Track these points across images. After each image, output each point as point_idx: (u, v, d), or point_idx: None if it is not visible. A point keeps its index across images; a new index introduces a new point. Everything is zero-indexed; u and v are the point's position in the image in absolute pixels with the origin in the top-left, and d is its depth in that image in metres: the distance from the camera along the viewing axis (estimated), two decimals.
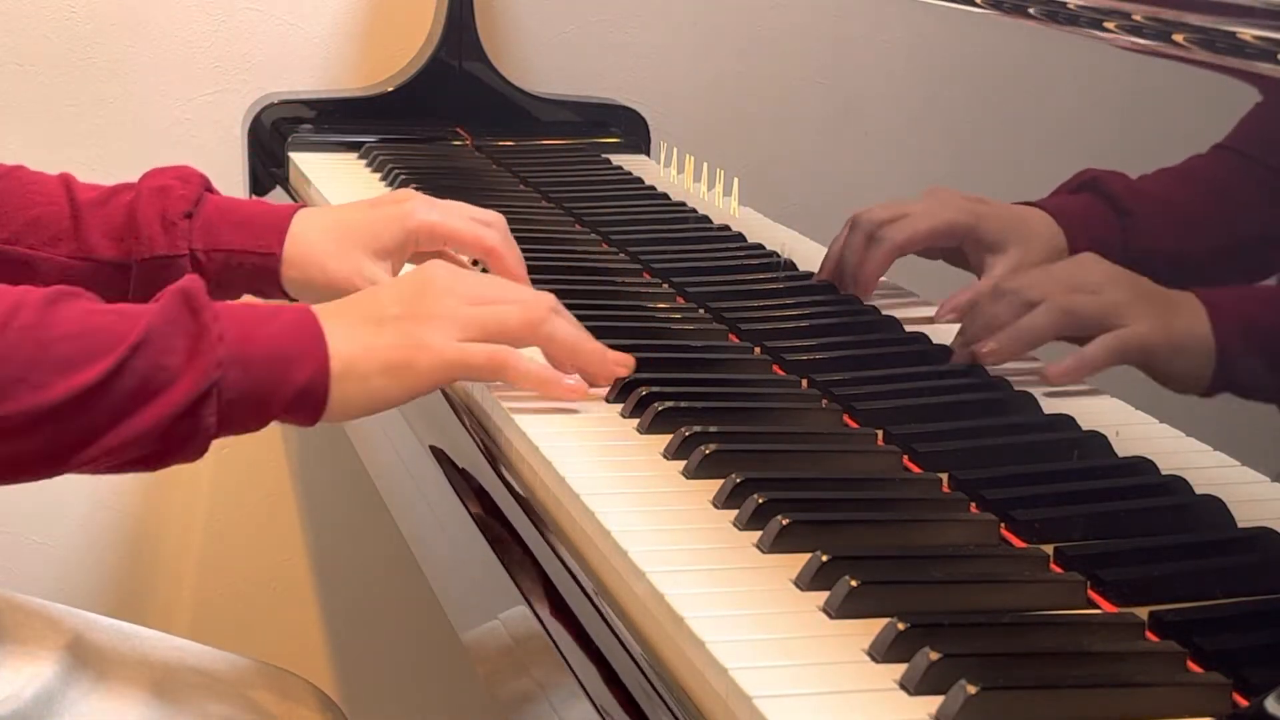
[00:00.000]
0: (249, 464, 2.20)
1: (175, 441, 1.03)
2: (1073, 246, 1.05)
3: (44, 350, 1.00)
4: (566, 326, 1.14)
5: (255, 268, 1.28)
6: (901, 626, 0.81)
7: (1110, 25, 1.02)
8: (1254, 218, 0.93)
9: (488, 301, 1.12)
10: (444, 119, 1.99)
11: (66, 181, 1.31)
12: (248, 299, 1.19)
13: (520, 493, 1.07)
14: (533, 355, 1.14)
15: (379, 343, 1.08)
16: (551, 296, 1.15)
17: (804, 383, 1.19)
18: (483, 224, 1.29)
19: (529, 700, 0.97)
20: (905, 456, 1.06)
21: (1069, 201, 1.05)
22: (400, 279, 1.15)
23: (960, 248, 1.13)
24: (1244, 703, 0.79)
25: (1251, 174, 0.93)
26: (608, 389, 1.16)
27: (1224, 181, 0.95)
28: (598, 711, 0.87)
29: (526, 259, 1.33)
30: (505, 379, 1.12)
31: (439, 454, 1.19)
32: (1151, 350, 0.98)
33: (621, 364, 1.15)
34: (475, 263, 1.36)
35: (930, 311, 1.18)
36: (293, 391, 1.05)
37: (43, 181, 1.30)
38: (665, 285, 1.41)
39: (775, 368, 1.23)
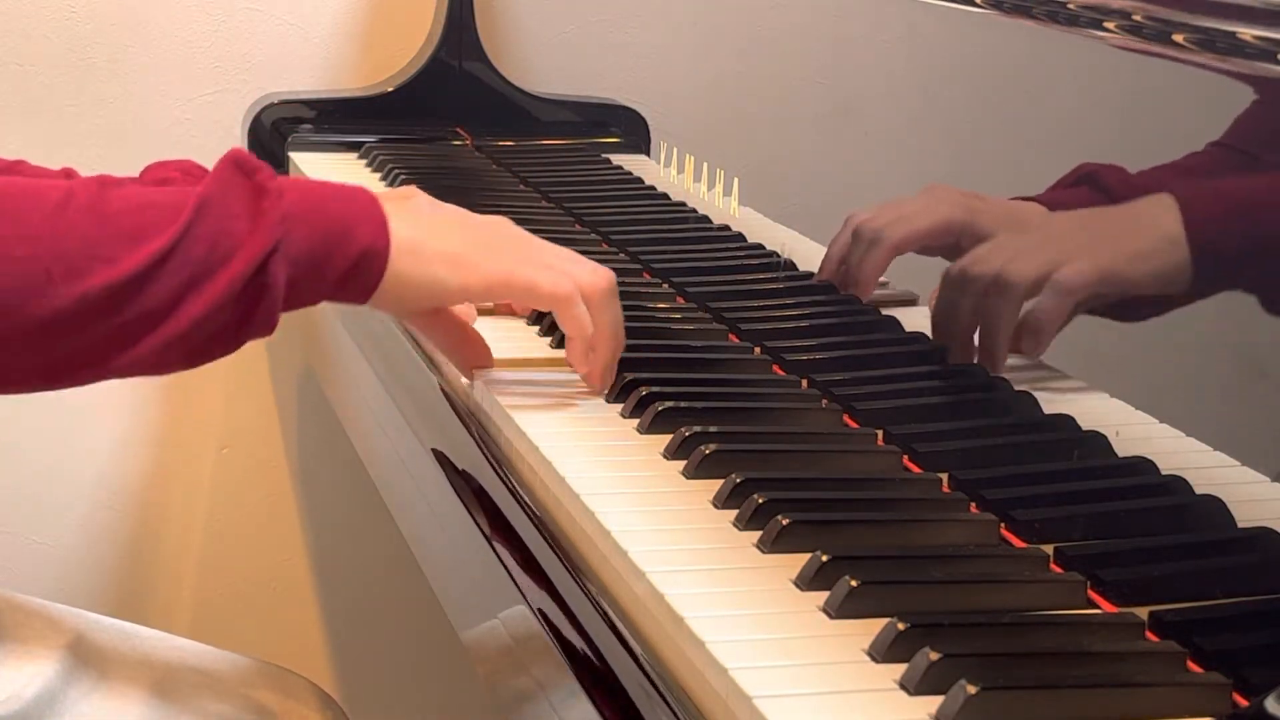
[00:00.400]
0: (249, 464, 2.20)
1: (249, 306, 1.01)
2: None
3: (108, 224, 0.99)
4: (617, 313, 1.13)
5: None
6: (901, 626, 0.81)
7: (1110, 25, 1.02)
8: (1252, 214, 0.93)
9: (556, 254, 1.13)
10: (444, 119, 1.99)
11: (69, 176, 1.31)
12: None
13: (520, 493, 1.07)
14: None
15: (440, 237, 1.09)
16: (612, 274, 1.14)
17: (804, 383, 1.19)
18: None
19: (529, 700, 0.97)
20: (905, 456, 1.06)
21: (1066, 196, 1.05)
22: (461, 210, 1.16)
23: (959, 244, 1.13)
24: (1244, 703, 0.79)
25: (1249, 171, 0.93)
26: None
27: (1222, 177, 0.95)
28: (598, 711, 0.87)
29: None
30: (559, 312, 1.12)
31: (439, 454, 1.19)
32: (1107, 270, 0.98)
33: (607, 383, 1.15)
34: None
35: (930, 311, 1.18)
36: (354, 253, 1.04)
37: (45, 175, 1.30)
38: (665, 285, 1.41)
39: (775, 368, 1.23)
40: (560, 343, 1.19)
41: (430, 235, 1.08)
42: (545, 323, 1.28)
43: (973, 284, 1.08)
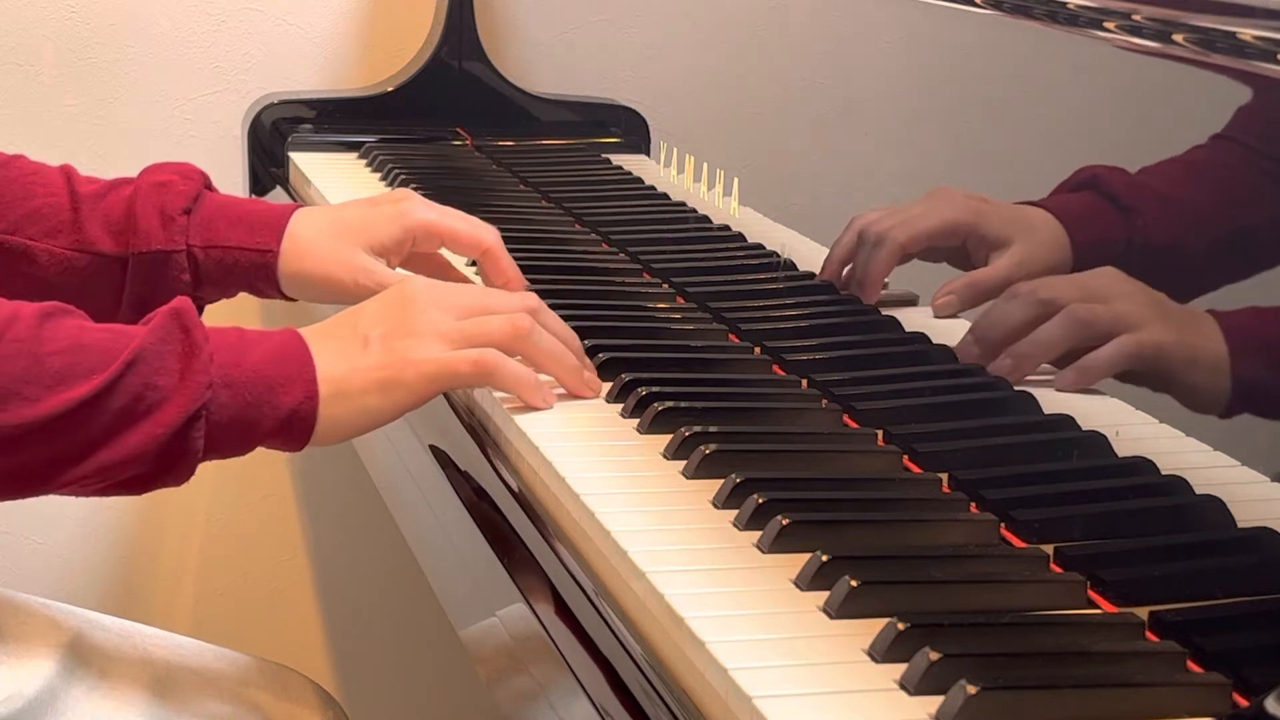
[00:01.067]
0: (249, 463, 2.20)
1: (165, 463, 1.03)
2: (1075, 244, 1.05)
3: (38, 364, 1.00)
4: (548, 339, 1.14)
5: (252, 265, 1.28)
6: (901, 626, 0.81)
7: (1110, 25, 1.02)
8: (1255, 212, 0.93)
9: (472, 311, 1.12)
10: (444, 119, 1.99)
11: (68, 173, 1.31)
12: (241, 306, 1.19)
13: (520, 493, 1.07)
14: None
15: (366, 362, 1.08)
16: (534, 297, 1.15)
17: (804, 383, 1.19)
18: (479, 224, 1.30)
19: (528, 699, 0.97)
20: (905, 456, 1.06)
21: (1070, 200, 1.05)
22: (381, 296, 1.14)
23: (963, 246, 1.13)
24: (1244, 703, 0.79)
25: (1252, 169, 0.93)
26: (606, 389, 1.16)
27: (1225, 176, 0.95)
28: (597, 711, 0.87)
29: (527, 259, 1.33)
30: (492, 384, 1.12)
31: (439, 454, 1.19)
32: (1164, 357, 0.98)
33: (591, 386, 1.15)
34: (471, 264, 1.36)
35: (930, 311, 1.18)
36: (282, 415, 1.05)
37: (44, 172, 1.30)
38: (665, 285, 1.41)
39: (775, 368, 1.23)
40: (632, 410, 1.18)
41: (354, 368, 1.08)
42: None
43: (1042, 304, 1.08)
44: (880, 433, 1.10)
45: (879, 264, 1.23)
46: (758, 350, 1.26)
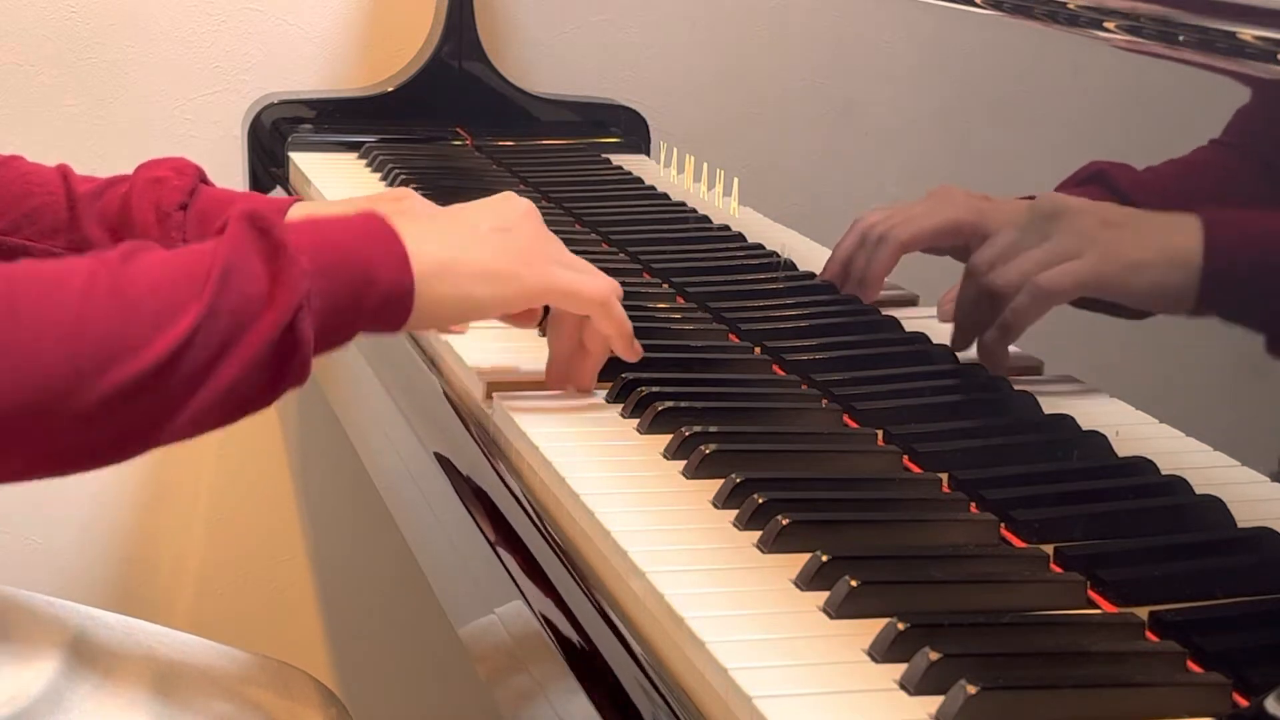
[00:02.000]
0: (250, 461, 2.20)
1: (279, 365, 1.01)
2: None
3: (132, 311, 0.98)
4: (624, 315, 1.15)
5: None
6: (901, 626, 0.81)
7: (1110, 25, 1.02)
8: (1256, 213, 0.93)
9: (569, 260, 1.14)
10: (444, 119, 1.99)
11: (64, 173, 1.31)
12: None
13: (520, 493, 1.07)
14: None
15: (479, 249, 1.08)
16: (616, 284, 1.16)
17: (804, 383, 1.19)
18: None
19: (529, 698, 0.97)
20: (905, 456, 1.06)
21: (1075, 195, 1.05)
22: (488, 201, 1.15)
23: (967, 246, 1.14)
24: (1244, 703, 0.79)
25: (1253, 170, 0.93)
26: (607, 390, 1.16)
27: (1228, 176, 0.95)
28: (597, 710, 0.87)
29: None
30: (599, 318, 1.13)
31: (439, 454, 1.19)
32: (1111, 276, 0.99)
33: (637, 352, 1.17)
34: None
35: (931, 311, 1.18)
36: (379, 295, 1.04)
37: (41, 172, 1.31)
38: (665, 285, 1.41)
39: (775, 368, 1.23)
40: (632, 411, 1.18)
41: (461, 251, 1.08)
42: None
43: (996, 281, 1.09)
44: (880, 433, 1.10)
45: (880, 263, 1.23)
46: (758, 350, 1.26)
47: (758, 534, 0.94)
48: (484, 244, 1.10)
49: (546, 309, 1.19)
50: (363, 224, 1.06)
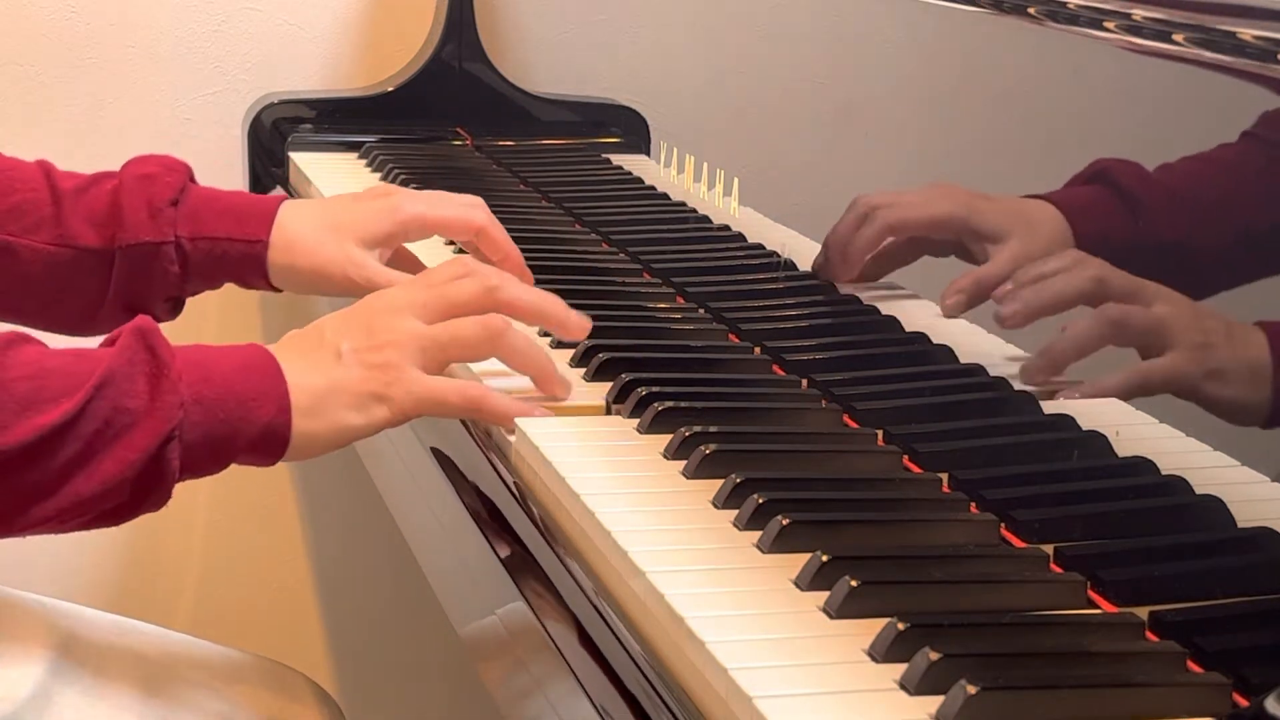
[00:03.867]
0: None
1: (141, 487, 1.00)
2: (1078, 235, 1.05)
3: (3, 390, 0.97)
4: (522, 339, 1.12)
5: (241, 256, 1.28)
6: (901, 626, 0.81)
7: (1110, 25, 1.02)
8: (1262, 213, 0.93)
9: (438, 311, 1.10)
10: (444, 119, 1.99)
11: (45, 168, 1.31)
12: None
13: (520, 493, 1.07)
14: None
15: (343, 377, 1.06)
16: (494, 274, 1.13)
17: (804, 383, 1.19)
18: (468, 205, 1.30)
19: (528, 698, 0.97)
20: (905, 456, 1.06)
21: (1076, 192, 1.05)
22: (343, 311, 1.12)
23: (960, 241, 1.14)
24: (1244, 703, 0.79)
25: (1257, 170, 0.93)
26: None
27: (1234, 176, 0.95)
28: (597, 711, 0.87)
29: (527, 259, 1.33)
30: (479, 417, 1.11)
31: (438, 453, 1.19)
32: (1182, 379, 0.97)
33: (564, 385, 1.14)
34: (451, 244, 1.37)
35: (931, 310, 1.18)
36: (256, 431, 1.03)
37: (20, 168, 1.30)
38: (665, 285, 1.41)
39: (775, 368, 1.23)
40: (595, 374, 1.18)
41: (334, 383, 1.06)
42: (577, 351, 1.23)
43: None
44: (880, 433, 1.10)
45: (862, 240, 1.23)
46: (758, 350, 1.26)
47: (758, 534, 0.94)
48: (349, 369, 1.07)
49: None
50: (252, 358, 1.05)
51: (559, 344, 1.24)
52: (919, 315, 1.20)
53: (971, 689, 0.76)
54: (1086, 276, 1.02)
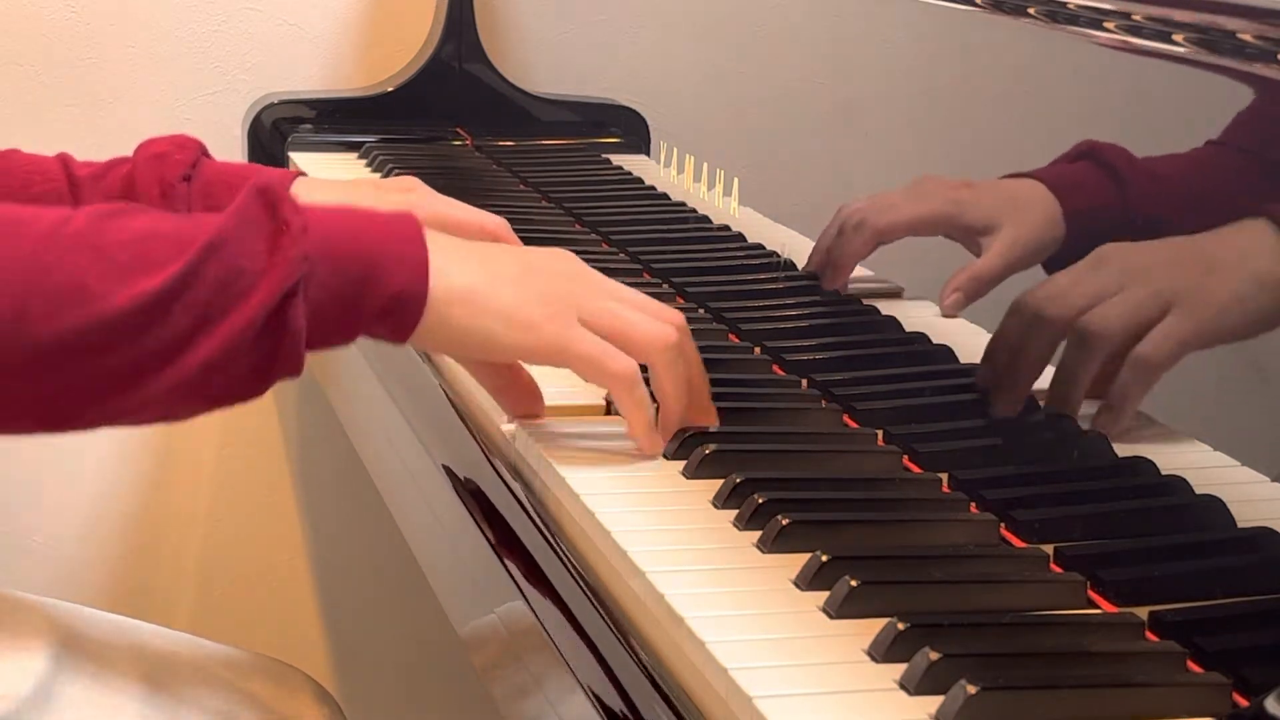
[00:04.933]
0: (249, 459, 2.20)
1: (268, 350, 0.94)
2: (1066, 212, 1.05)
3: (101, 256, 0.91)
4: (683, 365, 1.04)
5: None
6: (901, 626, 0.81)
7: (1110, 25, 1.02)
8: (1254, 213, 0.93)
9: (619, 298, 1.04)
10: (444, 119, 1.99)
11: (64, 160, 1.31)
12: None
13: (520, 492, 1.07)
14: None
15: (506, 287, 1.00)
16: (681, 316, 1.05)
17: (804, 383, 1.19)
18: (486, 216, 1.30)
19: (527, 697, 0.97)
20: (905, 456, 1.06)
21: (1063, 169, 1.05)
22: (533, 249, 1.08)
23: (952, 235, 1.14)
24: (1244, 703, 0.79)
25: (1251, 170, 0.93)
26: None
27: (1224, 173, 0.95)
28: (596, 710, 0.87)
29: None
30: (613, 392, 1.04)
31: (438, 454, 1.19)
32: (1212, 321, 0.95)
33: (710, 418, 1.06)
34: None
35: (931, 310, 1.18)
36: (386, 296, 0.96)
37: (40, 161, 1.30)
38: (665, 285, 1.41)
39: (775, 368, 1.23)
40: None
41: (489, 284, 1.00)
42: None
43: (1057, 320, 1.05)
44: (880, 433, 1.10)
45: (853, 248, 1.23)
46: (758, 350, 1.26)
47: (758, 534, 0.94)
48: (515, 284, 1.01)
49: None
50: (390, 220, 0.99)
51: None
52: (919, 315, 1.20)
53: (971, 689, 0.76)
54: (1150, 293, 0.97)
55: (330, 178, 1.79)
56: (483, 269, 1.01)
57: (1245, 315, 0.92)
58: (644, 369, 1.04)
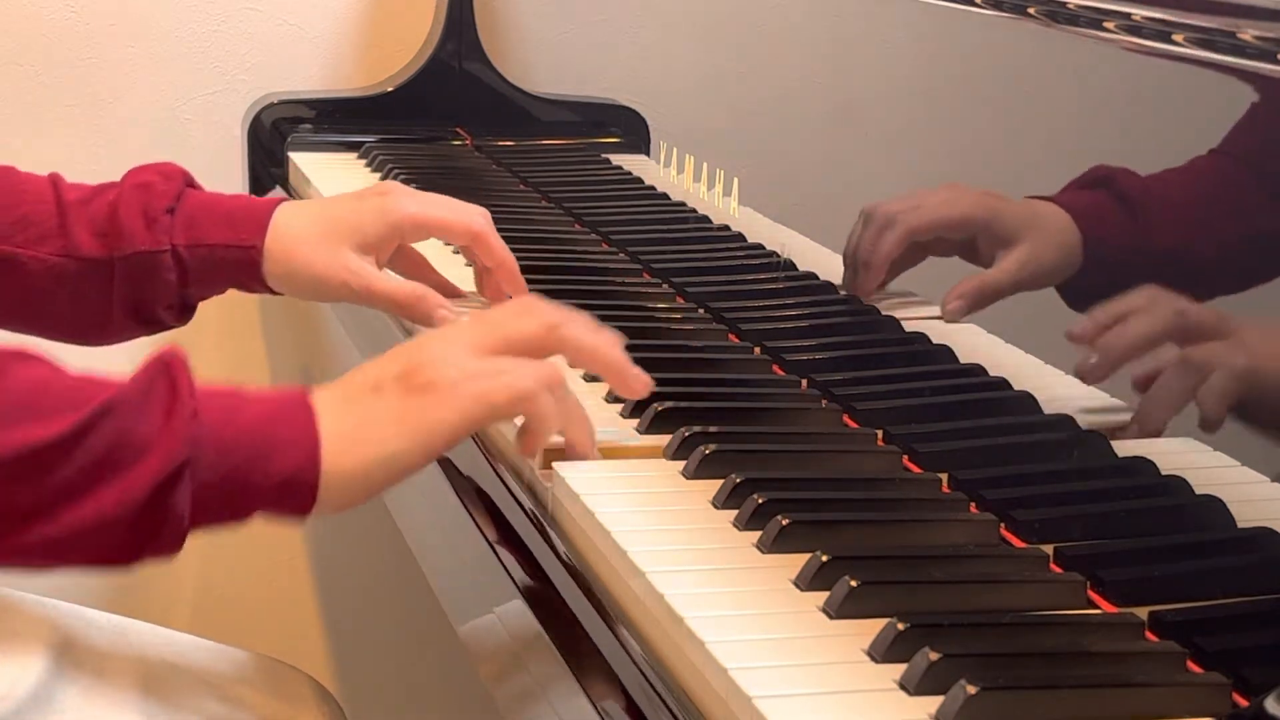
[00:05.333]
0: None
1: (147, 527, 0.93)
2: (1085, 240, 1.05)
3: None
4: (584, 332, 1.04)
5: (237, 261, 1.28)
6: (901, 626, 0.81)
7: (1110, 25, 1.02)
8: (1260, 218, 0.93)
9: (491, 347, 1.01)
10: (444, 119, 1.99)
11: (55, 181, 1.31)
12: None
13: (519, 493, 1.07)
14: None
15: (381, 405, 0.97)
16: (556, 310, 1.05)
17: (804, 383, 1.19)
18: (467, 209, 1.30)
19: (527, 697, 0.97)
20: (905, 456, 1.06)
21: (1081, 196, 1.05)
22: (390, 352, 1.03)
23: (973, 242, 1.13)
24: (1244, 703, 0.79)
25: (1255, 176, 0.93)
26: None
27: (1231, 183, 0.95)
28: (596, 711, 0.87)
29: (526, 259, 1.33)
30: (527, 414, 1.01)
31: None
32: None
33: (642, 382, 1.06)
34: (456, 252, 1.36)
35: (930, 311, 1.18)
36: (276, 480, 0.94)
37: (32, 181, 1.31)
38: (665, 285, 1.41)
39: (775, 368, 1.23)
40: (632, 411, 1.12)
41: (366, 410, 0.97)
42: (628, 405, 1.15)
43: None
44: (880, 433, 1.10)
45: (887, 245, 1.22)
46: (758, 350, 1.25)
47: (758, 534, 0.94)
48: (386, 398, 0.98)
49: None
50: (280, 404, 0.96)
51: (591, 377, 1.18)
52: (919, 315, 1.20)
53: (971, 689, 0.76)
54: (1167, 314, 0.97)
55: (329, 185, 1.79)
56: (348, 407, 0.98)
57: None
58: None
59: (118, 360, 1.20)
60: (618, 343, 1.07)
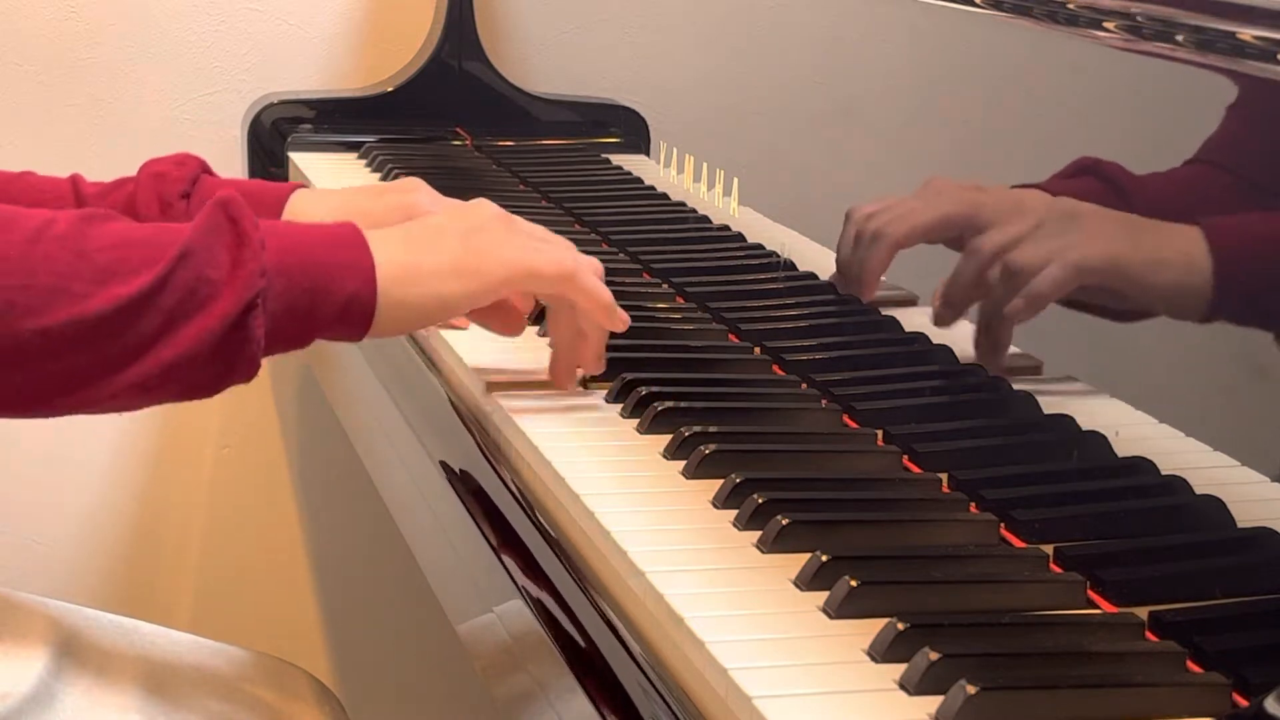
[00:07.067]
0: (249, 459, 2.20)
1: (226, 357, 1.01)
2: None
3: (83, 260, 0.98)
4: (598, 285, 1.14)
5: None
6: (901, 626, 0.81)
7: (1110, 25, 1.02)
8: (1252, 219, 0.93)
9: (536, 236, 1.14)
10: (444, 119, 1.99)
11: (75, 181, 1.31)
12: None
13: (519, 492, 1.07)
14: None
15: (440, 249, 1.08)
16: (582, 257, 1.15)
17: (804, 383, 1.19)
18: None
19: (527, 697, 0.97)
20: (905, 456, 1.06)
21: (1068, 184, 1.05)
22: (451, 208, 1.17)
23: (961, 238, 1.13)
24: (1244, 703, 0.79)
25: (1253, 171, 0.93)
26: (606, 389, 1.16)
27: (1228, 178, 0.95)
28: (596, 710, 0.87)
29: None
30: (569, 291, 1.12)
31: (438, 453, 1.19)
32: (1116, 269, 0.98)
33: (622, 319, 1.15)
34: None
35: (930, 311, 1.18)
36: (339, 301, 1.04)
37: (53, 183, 1.31)
38: (665, 285, 1.41)
39: (775, 368, 1.23)
40: (632, 411, 1.15)
41: (423, 254, 1.08)
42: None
43: (985, 269, 1.08)
44: (880, 433, 1.10)
45: (875, 261, 1.22)
46: (758, 350, 1.26)
47: (758, 534, 0.94)
48: (445, 244, 1.10)
49: (542, 314, 1.19)
50: (337, 233, 1.06)
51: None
52: (918, 315, 1.20)
53: (971, 689, 0.76)
54: (1070, 263, 1.03)
55: (329, 187, 1.79)
56: (412, 244, 1.09)
57: (1165, 283, 0.96)
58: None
59: None
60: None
